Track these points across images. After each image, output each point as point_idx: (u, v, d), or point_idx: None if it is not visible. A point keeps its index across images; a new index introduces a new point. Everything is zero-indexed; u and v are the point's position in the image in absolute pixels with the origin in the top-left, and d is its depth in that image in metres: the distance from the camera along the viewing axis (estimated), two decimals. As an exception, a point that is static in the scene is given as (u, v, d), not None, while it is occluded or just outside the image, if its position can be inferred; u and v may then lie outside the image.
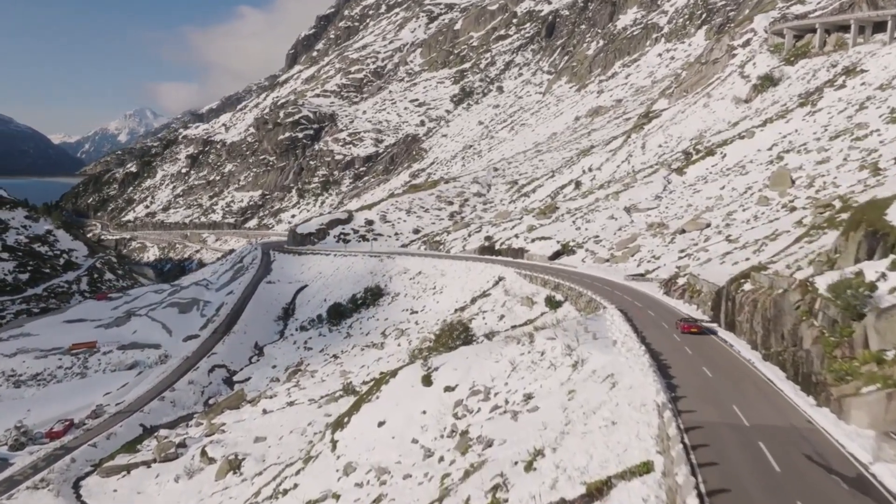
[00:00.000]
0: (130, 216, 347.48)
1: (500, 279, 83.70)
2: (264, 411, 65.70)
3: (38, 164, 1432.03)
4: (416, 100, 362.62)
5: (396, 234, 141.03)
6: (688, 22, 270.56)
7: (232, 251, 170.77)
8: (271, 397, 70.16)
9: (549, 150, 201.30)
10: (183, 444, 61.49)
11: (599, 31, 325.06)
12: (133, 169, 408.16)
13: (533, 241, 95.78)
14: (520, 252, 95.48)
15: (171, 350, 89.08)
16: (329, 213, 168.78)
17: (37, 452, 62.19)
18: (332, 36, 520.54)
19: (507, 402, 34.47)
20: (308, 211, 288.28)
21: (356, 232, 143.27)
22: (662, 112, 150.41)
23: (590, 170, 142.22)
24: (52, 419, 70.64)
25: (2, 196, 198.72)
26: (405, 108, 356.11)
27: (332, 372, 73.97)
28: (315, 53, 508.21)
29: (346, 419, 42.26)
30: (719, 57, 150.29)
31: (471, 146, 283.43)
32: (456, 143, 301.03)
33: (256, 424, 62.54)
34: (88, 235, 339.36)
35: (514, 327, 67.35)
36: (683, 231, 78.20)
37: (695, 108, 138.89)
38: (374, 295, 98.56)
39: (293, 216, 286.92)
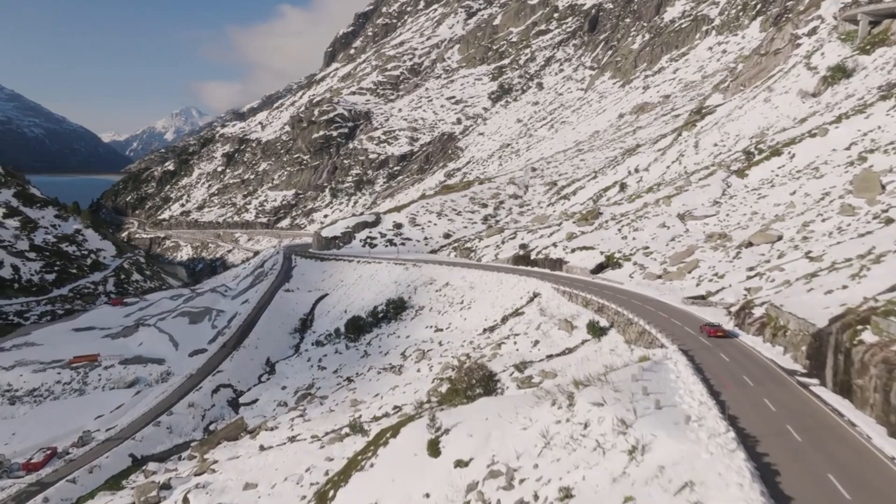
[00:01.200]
0: (166, 214, 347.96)
1: (536, 295, 74.06)
2: (262, 448, 57.66)
3: (89, 162, 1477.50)
4: (453, 97, 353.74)
5: (426, 238, 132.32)
6: (741, 13, 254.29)
7: (257, 253, 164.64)
8: (272, 429, 62.09)
9: (591, 150, 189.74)
10: (167, 486, 53.81)
11: (645, 24, 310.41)
12: (171, 167, 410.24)
13: (573, 251, 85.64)
14: (558, 263, 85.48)
15: (174, 366, 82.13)
16: (356, 215, 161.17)
17: (8, 489, 55.48)
18: (369, 33, 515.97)
19: (536, 497, 25.09)
20: (341, 211, 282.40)
21: (383, 236, 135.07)
22: (717, 108, 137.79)
23: (636, 171, 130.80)
24: (36, 446, 64.17)
25: (34, 195, 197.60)
26: (441, 106, 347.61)
27: (343, 400, 65.56)
28: (352, 51, 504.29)
29: (331, 493, 33.45)
30: (781, 47, 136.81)
31: (508, 145, 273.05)
32: (493, 141, 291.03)
33: (251, 465, 54.40)
34: (125, 234, 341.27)
35: (549, 357, 57.74)
36: (750, 244, 67.05)
37: (754, 103, 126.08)
38: (396, 308, 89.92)
39: (325, 216, 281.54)
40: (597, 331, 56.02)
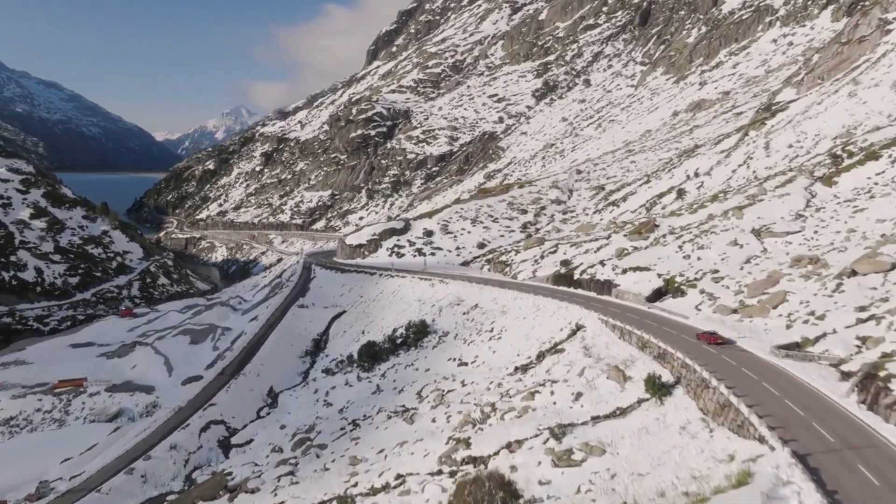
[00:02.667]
0: (204, 214, 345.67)
1: (579, 328, 61.35)
2: (236, 518, 47.07)
3: (142, 160, 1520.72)
4: (495, 95, 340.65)
5: (458, 248, 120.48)
6: (809, 2, 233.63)
7: (280, 259, 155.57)
8: (253, 491, 51.36)
9: (643, 150, 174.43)
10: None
11: (701, 16, 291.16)
12: (211, 166, 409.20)
13: (624, 271, 72.43)
14: (606, 287, 72.41)
15: (164, 395, 72.62)
16: (390, 218, 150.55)
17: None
18: (412, 31, 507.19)
19: None
20: (376, 213, 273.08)
21: (412, 244, 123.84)
22: (790, 104, 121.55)
23: (696, 175, 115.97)
24: (-10, 495, 55.21)
25: (63, 194, 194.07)
26: (483, 104, 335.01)
27: (342, 455, 54.31)
28: (394, 49, 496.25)
29: None
30: (867, 34, 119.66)
31: (552, 145, 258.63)
32: (536, 141, 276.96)
33: (217, 544, 43.87)
34: (163, 233, 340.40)
35: (595, 420, 45.12)
36: (854, 273, 52.83)
37: (836, 97, 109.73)
38: (417, 333, 78.39)
39: (360, 218, 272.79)
40: (658, 388, 43.11)
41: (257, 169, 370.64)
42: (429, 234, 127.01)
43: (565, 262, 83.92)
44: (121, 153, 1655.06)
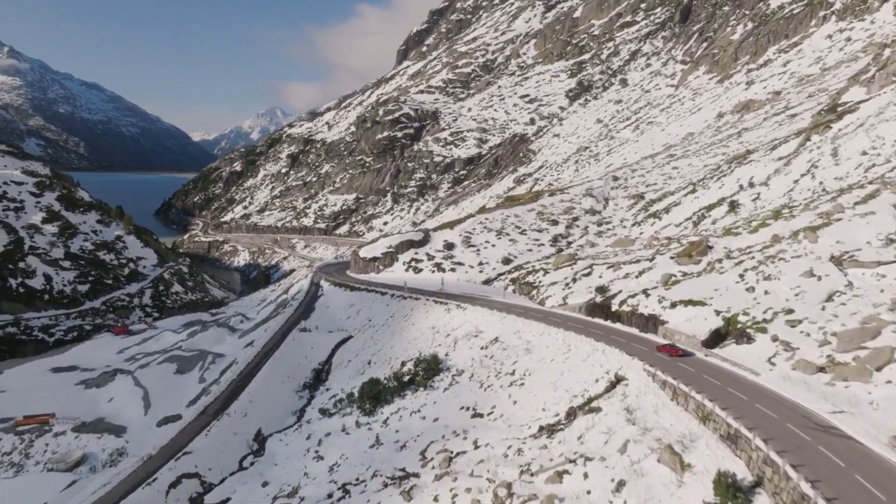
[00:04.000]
0: (228, 216, 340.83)
1: (619, 380, 49.94)
2: None
3: (179, 160, 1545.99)
4: (527, 95, 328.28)
5: (481, 263, 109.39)
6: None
7: (292, 271, 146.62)
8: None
9: (686, 155, 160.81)
10: None
11: (747, 11, 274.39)
12: (238, 167, 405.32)
13: (673, 305, 60.48)
14: (651, 323, 60.60)
15: (135, 440, 63.37)
16: (414, 225, 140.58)
17: None
18: (442, 30, 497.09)
19: None
20: (401, 218, 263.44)
21: (431, 258, 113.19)
22: (859, 105, 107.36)
23: (750, 185, 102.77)
24: None
25: (78, 198, 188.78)
26: (514, 105, 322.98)
27: (321, 540, 43.95)
28: (424, 48, 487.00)
29: None
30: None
31: (586, 148, 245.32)
32: (569, 144, 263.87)
33: None
34: (187, 235, 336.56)
35: (645, 528, 33.88)
36: None
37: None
38: (428, 369, 67.68)
39: (385, 223, 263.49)
40: (733, 495, 31.55)
41: (283, 171, 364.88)
42: (449, 246, 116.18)
43: (601, 289, 72.16)
44: (158, 153, 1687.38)
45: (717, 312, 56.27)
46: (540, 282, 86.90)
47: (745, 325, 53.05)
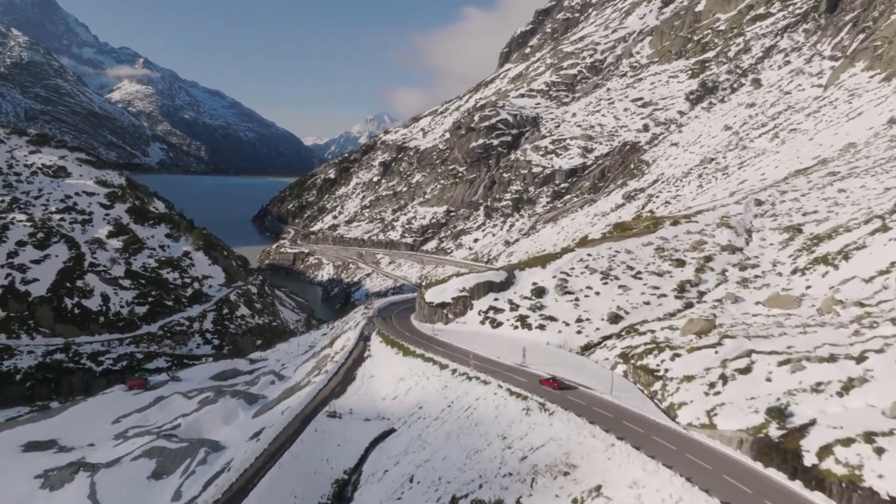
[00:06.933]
0: (318, 226, 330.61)
1: None
2: None
3: (291, 164, 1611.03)
4: (640, 99, 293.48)
5: (580, 319, 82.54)
6: None
7: (368, 303, 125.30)
8: None
9: (855, 174, 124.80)
10: None
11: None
12: (331, 175, 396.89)
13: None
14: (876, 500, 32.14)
15: None
16: (477, 271, 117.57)
17: None
18: (548, 30, 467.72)
19: None
20: (493, 235, 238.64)
21: (514, 308, 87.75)
22: None
23: None
24: None
25: (148, 210, 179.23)
26: (625, 110, 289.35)
27: None
28: (528, 50, 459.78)
29: None
30: None
31: (712, 159, 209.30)
32: (690, 154, 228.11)
33: None
34: (273, 246, 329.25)
35: None
36: None
37: None
38: (485, 529, 42.50)
39: (475, 240, 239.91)
40: None
41: (374, 179, 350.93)
42: (539, 292, 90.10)
43: (777, 413, 43.96)
44: (272, 157, 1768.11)
45: None
46: (667, 371, 59.17)
47: None
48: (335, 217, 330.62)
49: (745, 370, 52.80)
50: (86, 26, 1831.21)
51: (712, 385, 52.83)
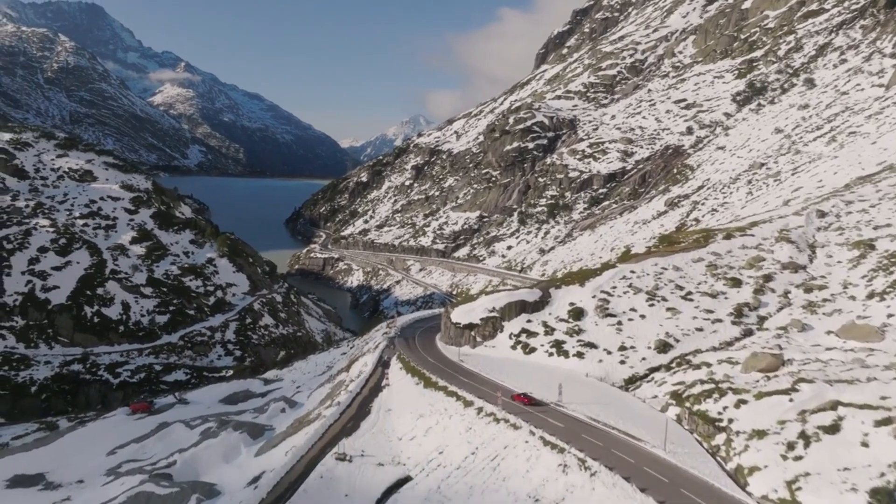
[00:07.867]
0: (349, 230, 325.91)
1: None
2: None
3: (327, 166, 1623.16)
4: (683, 100, 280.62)
5: (623, 347, 73.64)
6: None
7: (391, 321, 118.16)
8: None
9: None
10: None
11: None
12: (364, 178, 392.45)
13: None
14: None
15: None
16: (509, 289, 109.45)
17: None
18: (586, 30, 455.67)
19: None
20: (528, 242, 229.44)
21: (549, 331, 79.25)
22: None
23: None
24: None
25: (174, 215, 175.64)
26: (667, 111, 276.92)
27: None
28: (565, 51, 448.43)
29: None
30: None
31: (763, 164, 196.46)
32: (738, 158, 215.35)
33: None
34: (304, 250, 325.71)
35: None
36: None
37: None
38: None
39: (508, 247, 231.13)
40: None
41: (406, 183, 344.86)
42: (577, 314, 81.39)
43: (888, 499, 34.74)
44: (309, 159, 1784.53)
45: None
46: (731, 421, 50.02)
47: None
48: (366, 221, 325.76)
49: (832, 429, 43.43)
50: (131, 31, 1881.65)
51: (791, 446, 43.59)
